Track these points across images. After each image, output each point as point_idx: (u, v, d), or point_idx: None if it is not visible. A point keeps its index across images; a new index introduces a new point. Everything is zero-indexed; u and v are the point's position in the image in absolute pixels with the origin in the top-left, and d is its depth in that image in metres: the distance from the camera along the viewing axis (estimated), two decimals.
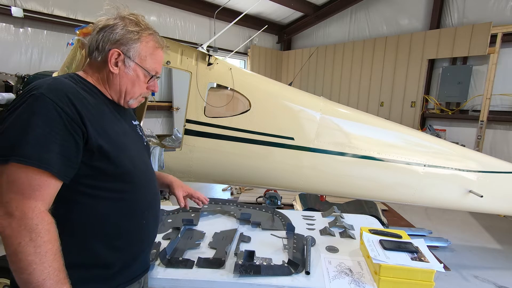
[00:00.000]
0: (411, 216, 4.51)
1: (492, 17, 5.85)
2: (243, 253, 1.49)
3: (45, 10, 5.35)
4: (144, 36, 1.06)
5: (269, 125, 2.62)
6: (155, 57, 1.10)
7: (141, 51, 1.05)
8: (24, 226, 0.79)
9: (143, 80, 1.09)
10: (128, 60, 1.04)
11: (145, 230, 1.13)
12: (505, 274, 3.15)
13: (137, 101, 1.14)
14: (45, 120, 0.85)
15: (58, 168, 0.85)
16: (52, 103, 0.86)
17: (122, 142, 1.03)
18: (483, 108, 5.76)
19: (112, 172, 0.98)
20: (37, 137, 0.83)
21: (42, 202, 0.84)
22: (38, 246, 0.80)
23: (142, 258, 1.16)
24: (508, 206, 2.87)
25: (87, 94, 0.99)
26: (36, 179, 0.83)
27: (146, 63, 1.07)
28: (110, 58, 1.03)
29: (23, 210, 0.80)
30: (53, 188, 0.87)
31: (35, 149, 0.82)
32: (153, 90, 1.15)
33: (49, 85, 0.91)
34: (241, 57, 9.12)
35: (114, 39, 1.02)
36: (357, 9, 8.10)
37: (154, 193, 1.18)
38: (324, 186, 2.75)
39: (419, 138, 2.81)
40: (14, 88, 2.80)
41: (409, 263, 1.34)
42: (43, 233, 0.81)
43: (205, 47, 3.26)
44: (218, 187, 5.61)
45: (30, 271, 0.79)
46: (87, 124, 0.91)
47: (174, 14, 7.23)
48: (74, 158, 0.90)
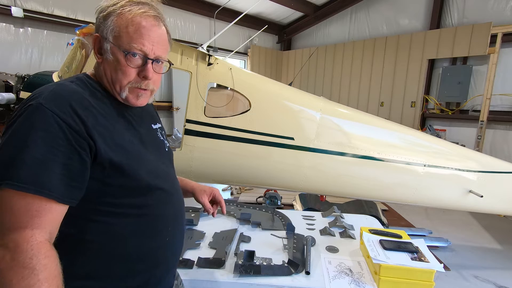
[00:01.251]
0: (411, 216, 4.51)
1: (492, 17, 5.85)
2: (243, 253, 1.49)
3: (45, 10, 5.36)
4: (120, 7, 0.85)
5: (269, 125, 2.62)
6: (134, 29, 0.85)
7: (114, 25, 0.85)
8: (17, 261, 0.67)
9: (123, 63, 0.87)
10: (105, 42, 0.87)
11: (170, 248, 1.00)
12: (505, 274, 3.15)
13: (133, 94, 0.91)
14: (44, 135, 0.73)
15: (60, 191, 0.74)
16: (52, 114, 0.75)
17: (137, 152, 0.90)
18: (483, 108, 5.76)
19: (129, 186, 0.87)
20: (35, 156, 0.71)
21: (40, 231, 0.71)
22: (30, 286, 0.66)
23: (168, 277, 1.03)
24: (508, 206, 2.87)
25: (95, 99, 0.86)
26: (34, 205, 0.71)
27: (122, 39, 0.85)
28: (94, 46, 0.90)
29: (17, 241, 0.68)
30: (55, 213, 0.75)
31: (31, 171, 0.71)
32: (145, 77, 0.89)
33: (49, 92, 0.79)
34: (241, 57, 9.12)
35: (96, 25, 0.89)
36: (357, 9, 8.10)
37: (178, 204, 1.05)
38: (324, 186, 2.75)
39: (419, 138, 2.81)
40: (14, 88, 2.80)
41: (409, 263, 1.34)
42: (38, 269, 0.68)
43: (205, 47, 3.26)
44: (218, 187, 5.61)
45: None
46: (95, 136, 0.79)
47: (174, 14, 7.23)
48: (80, 178, 0.78)
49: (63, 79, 2.65)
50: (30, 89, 2.64)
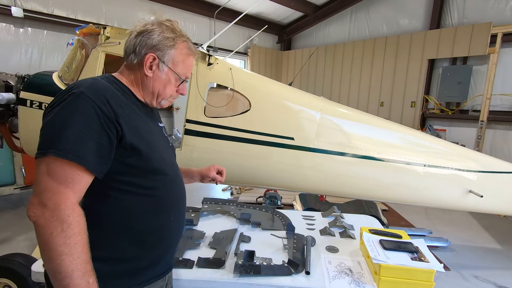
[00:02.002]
0: (411, 216, 4.51)
1: (492, 17, 5.85)
2: (243, 253, 1.49)
3: (45, 10, 5.35)
4: (179, 43, 1.11)
5: (269, 125, 2.62)
6: (187, 63, 1.16)
7: (174, 57, 1.11)
8: (57, 216, 0.82)
9: (174, 84, 1.15)
10: (162, 65, 1.10)
11: (173, 227, 1.16)
12: (505, 274, 3.15)
13: (168, 101, 1.19)
14: (84, 117, 0.89)
15: (93, 163, 0.89)
16: (90, 101, 0.91)
17: (152, 141, 1.08)
18: (483, 108, 5.76)
19: (143, 168, 1.03)
20: (75, 133, 0.87)
21: (74, 194, 0.87)
22: (68, 237, 0.82)
23: (168, 256, 1.18)
24: (508, 206, 2.87)
25: (122, 95, 1.04)
26: (70, 172, 0.87)
27: (178, 68, 1.13)
28: (146, 61, 1.08)
29: (56, 201, 0.84)
30: (85, 182, 0.91)
31: (72, 144, 0.86)
32: (182, 93, 1.21)
33: (89, 84, 0.96)
34: (241, 57, 9.12)
35: (151, 44, 1.07)
36: (357, 9, 8.10)
37: (180, 190, 1.22)
38: (324, 186, 2.75)
39: (419, 138, 2.81)
40: (14, 88, 2.79)
41: (409, 263, 1.34)
42: (74, 224, 0.84)
43: (205, 47, 3.26)
44: (218, 187, 5.60)
45: (60, 261, 0.81)
46: (122, 122, 0.96)
47: (174, 14, 7.23)
48: (108, 155, 0.94)
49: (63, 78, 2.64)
50: (30, 89, 2.63)
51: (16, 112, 2.69)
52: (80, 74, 2.57)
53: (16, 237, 3.57)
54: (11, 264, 2.12)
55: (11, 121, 2.88)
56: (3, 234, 3.62)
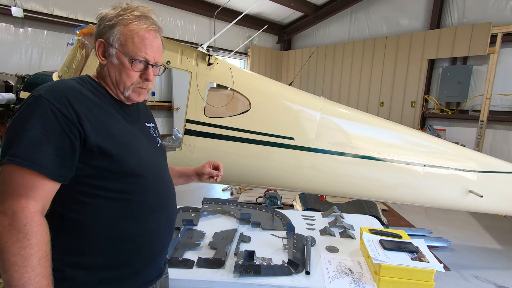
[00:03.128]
0: (411, 216, 4.51)
1: (492, 17, 5.85)
2: (243, 253, 1.49)
3: (45, 10, 5.36)
4: (126, 19, 0.98)
5: (269, 125, 2.62)
6: (139, 40, 0.99)
7: (120, 35, 0.98)
8: (13, 225, 0.79)
9: (128, 67, 1.01)
10: (110, 48, 1.00)
11: (156, 234, 1.08)
12: (505, 274, 3.15)
13: (135, 92, 1.05)
14: (40, 121, 0.85)
15: (51, 169, 0.85)
16: (48, 103, 0.87)
17: (128, 143, 1.01)
18: (483, 108, 5.76)
19: (116, 171, 0.96)
20: (31, 138, 0.83)
21: (34, 202, 0.83)
22: (23, 248, 0.78)
23: (154, 263, 1.11)
24: (508, 206, 2.87)
25: (92, 95, 0.98)
26: (29, 179, 0.83)
27: (128, 48, 0.99)
28: (97, 49, 1.02)
29: (14, 209, 0.80)
30: (47, 189, 0.86)
31: (27, 149, 0.83)
32: (147, 79, 1.04)
33: (49, 86, 0.92)
34: (241, 57, 9.12)
35: (100, 30, 1.01)
36: (357, 9, 8.10)
37: (167, 195, 1.14)
38: (324, 186, 2.75)
39: (419, 138, 2.81)
40: (14, 88, 2.80)
41: (409, 263, 1.34)
42: (30, 235, 0.79)
43: (205, 47, 3.26)
44: (218, 187, 5.60)
45: (12, 273, 0.77)
46: (85, 124, 0.90)
47: (174, 14, 7.23)
48: (70, 159, 0.89)
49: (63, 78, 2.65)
50: (30, 89, 2.64)
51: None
52: (80, 74, 2.57)
53: None
54: None
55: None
56: None
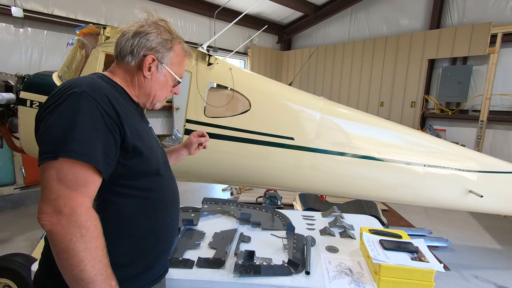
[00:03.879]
0: (411, 216, 4.51)
1: (492, 17, 5.85)
2: (243, 253, 1.49)
3: (45, 10, 5.35)
4: (176, 45, 1.13)
5: (269, 125, 2.62)
6: (183, 64, 1.18)
7: (172, 58, 1.12)
8: (74, 222, 0.80)
9: (170, 85, 1.17)
10: (161, 66, 1.10)
11: (169, 229, 1.15)
12: (505, 274, 3.15)
13: (161, 104, 1.21)
14: (89, 117, 0.87)
15: (102, 164, 0.88)
16: (94, 101, 0.88)
17: (150, 142, 1.08)
18: (483, 108, 5.76)
19: (144, 170, 1.02)
20: (84, 133, 0.85)
21: (88, 198, 0.86)
22: (88, 242, 0.81)
23: (164, 258, 1.17)
24: (508, 206, 2.87)
25: (118, 94, 1.03)
26: (82, 175, 0.84)
27: (175, 69, 1.15)
28: (145, 63, 1.07)
29: (72, 206, 0.81)
30: (97, 184, 0.89)
31: (82, 145, 0.84)
32: (176, 93, 1.22)
33: (88, 83, 0.93)
34: (241, 57, 9.12)
35: (150, 46, 1.07)
36: (357, 9, 8.10)
37: (175, 192, 1.21)
38: (324, 186, 2.75)
39: (419, 138, 2.81)
40: (14, 88, 2.80)
41: (409, 263, 1.34)
42: (92, 229, 0.82)
43: (205, 47, 3.26)
44: (218, 187, 5.61)
45: (82, 268, 0.79)
46: (124, 123, 0.94)
47: (174, 14, 7.23)
48: (113, 156, 0.92)
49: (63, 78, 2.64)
50: (30, 89, 2.63)
51: (16, 112, 2.69)
52: (80, 74, 2.57)
53: (16, 237, 3.57)
54: (11, 264, 2.12)
55: (11, 121, 2.88)
56: (3, 234, 3.62)
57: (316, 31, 9.16)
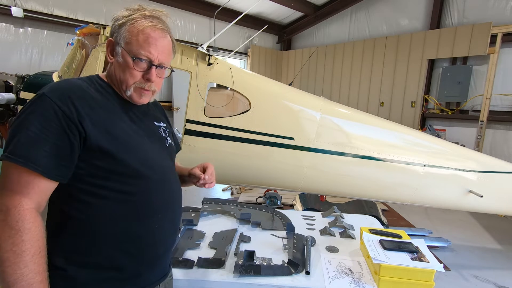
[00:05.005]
0: (411, 216, 4.51)
1: (492, 17, 5.85)
2: (243, 253, 1.49)
3: (45, 10, 5.35)
4: (134, 19, 0.98)
5: (269, 125, 2.62)
6: (144, 38, 0.98)
7: (126, 34, 0.99)
8: (5, 221, 0.79)
9: (131, 66, 1.00)
10: (117, 46, 1.01)
11: (159, 235, 1.06)
12: (505, 274, 3.15)
13: (136, 93, 1.03)
14: (41, 119, 0.85)
15: (47, 167, 0.85)
16: (50, 102, 0.87)
17: (131, 142, 1.00)
18: (483, 108, 5.76)
19: (117, 172, 0.95)
20: (29, 136, 0.84)
21: (28, 200, 0.83)
22: (15, 244, 0.78)
23: (158, 264, 1.10)
24: (508, 206, 2.87)
25: (99, 94, 0.99)
26: (23, 176, 0.83)
27: (132, 46, 0.98)
28: (107, 48, 1.04)
29: (7, 205, 0.81)
30: (43, 187, 0.86)
31: (24, 147, 0.83)
32: (148, 79, 1.02)
33: (54, 85, 0.93)
34: (241, 57, 9.12)
35: (111, 30, 1.03)
36: (357, 9, 8.09)
37: (172, 195, 1.12)
38: (324, 186, 2.75)
39: (419, 138, 2.81)
40: (14, 88, 2.80)
41: (409, 263, 1.34)
42: (23, 231, 0.80)
43: (205, 47, 3.26)
44: (218, 187, 5.60)
45: (4, 268, 0.77)
46: (86, 123, 0.90)
47: (174, 14, 7.23)
48: (69, 158, 0.89)
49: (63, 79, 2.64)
50: (30, 89, 2.63)
51: (16, 112, 2.69)
52: (80, 74, 2.57)
53: None
54: None
55: (11, 121, 2.88)
56: None
57: (316, 31, 9.16)
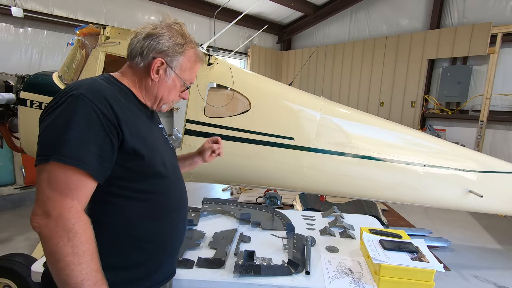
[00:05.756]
0: (411, 216, 4.51)
1: (492, 17, 5.85)
2: (243, 253, 1.49)
3: (45, 10, 5.36)
4: (188, 49, 1.09)
5: (269, 125, 2.62)
6: (194, 69, 1.15)
7: (183, 63, 1.09)
8: (62, 226, 0.79)
9: (178, 89, 1.14)
10: (170, 70, 1.08)
11: (174, 232, 1.13)
12: (505, 274, 3.15)
13: (168, 106, 1.18)
14: (84, 120, 0.86)
15: (96, 168, 0.86)
16: (91, 103, 0.87)
17: (153, 144, 1.05)
18: (483, 108, 5.76)
19: (145, 173, 1.00)
20: (77, 137, 0.84)
21: (78, 201, 0.84)
22: (75, 247, 0.79)
23: (169, 262, 1.15)
24: (508, 206, 2.87)
25: (121, 96, 1.01)
26: (74, 178, 0.83)
27: (185, 75, 1.12)
28: (153, 66, 1.05)
29: (60, 210, 0.80)
30: (89, 188, 0.87)
31: (74, 149, 0.83)
32: (184, 98, 1.20)
33: (87, 85, 0.93)
34: (241, 57, 9.12)
35: (160, 49, 1.05)
36: (357, 9, 8.10)
37: (182, 193, 1.19)
38: (324, 186, 2.75)
39: (419, 138, 2.81)
40: (14, 88, 2.79)
41: (409, 263, 1.34)
42: (80, 233, 0.81)
43: (205, 47, 3.26)
44: (218, 187, 5.60)
45: (68, 272, 0.78)
46: (123, 126, 0.93)
47: (174, 14, 7.01)
48: (109, 159, 0.91)
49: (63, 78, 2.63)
50: (30, 89, 2.63)
51: (16, 112, 2.69)
52: (80, 74, 2.57)
53: (16, 237, 3.57)
54: (11, 264, 2.12)
55: (11, 121, 2.88)
56: (3, 234, 3.62)
57: (316, 31, 9.16)
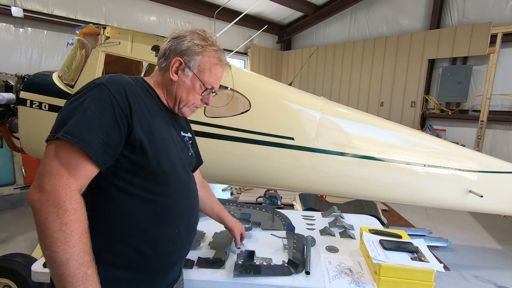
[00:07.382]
0: (411, 216, 4.51)
1: (492, 17, 5.85)
2: (243, 253, 1.49)
3: (45, 10, 5.36)
4: (208, 51, 1.11)
5: (269, 125, 2.62)
6: (214, 72, 1.14)
7: (201, 63, 1.11)
8: (52, 201, 0.79)
9: (198, 91, 1.14)
10: (188, 70, 1.10)
11: (176, 242, 1.09)
12: (505, 274, 3.15)
13: (190, 110, 1.18)
14: (98, 105, 0.89)
15: (97, 152, 0.87)
16: (108, 91, 0.92)
17: (165, 144, 1.05)
18: (483, 108, 5.76)
19: (150, 170, 0.99)
20: (86, 119, 0.87)
21: (75, 181, 0.84)
22: (64, 224, 0.79)
23: (170, 272, 1.11)
24: (508, 206, 2.87)
25: (144, 94, 1.05)
26: (74, 157, 0.85)
27: (204, 76, 1.13)
28: (172, 65, 1.10)
29: (54, 185, 0.81)
30: (88, 171, 0.88)
31: (81, 129, 0.85)
32: (206, 103, 1.20)
33: (110, 77, 0.98)
34: (241, 57, 9.12)
35: (180, 49, 1.09)
36: (357, 9, 8.10)
37: (190, 203, 1.16)
38: (324, 186, 2.75)
39: (419, 138, 2.81)
40: (14, 88, 2.79)
41: (409, 263, 1.34)
42: (70, 211, 0.80)
43: None
44: (218, 187, 5.60)
45: (54, 249, 0.78)
46: (134, 117, 0.95)
47: (174, 14, 7.23)
48: (115, 147, 0.92)
49: (63, 79, 2.63)
50: (30, 89, 2.63)
51: (16, 112, 2.69)
52: (80, 74, 2.57)
53: (16, 237, 3.57)
54: (11, 264, 2.12)
55: (11, 121, 2.87)
56: (3, 234, 3.62)
57: (316, 31, 9.16)
